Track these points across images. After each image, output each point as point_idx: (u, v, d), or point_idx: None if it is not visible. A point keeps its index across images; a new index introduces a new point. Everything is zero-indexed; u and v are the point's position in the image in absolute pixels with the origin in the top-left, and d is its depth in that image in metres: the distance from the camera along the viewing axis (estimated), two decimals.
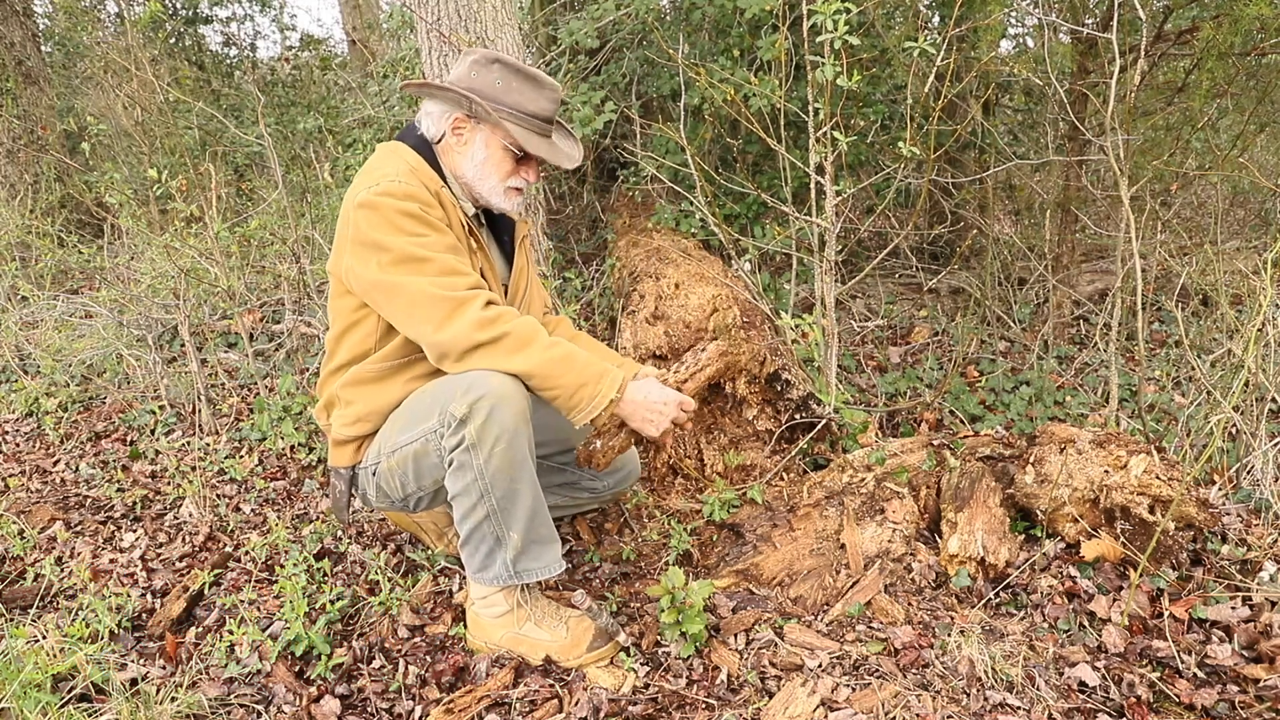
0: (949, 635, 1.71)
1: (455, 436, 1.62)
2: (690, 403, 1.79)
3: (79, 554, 2.30)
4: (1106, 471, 1.89)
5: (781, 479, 2.33)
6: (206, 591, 2.09)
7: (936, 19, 3.97)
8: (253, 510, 2.55)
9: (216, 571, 2.16)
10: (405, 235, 1.64)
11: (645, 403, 1.73)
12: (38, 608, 2.03)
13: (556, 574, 1.77)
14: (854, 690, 1.59)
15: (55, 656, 1.70)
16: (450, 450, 1.64)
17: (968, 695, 1.57)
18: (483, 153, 1.79)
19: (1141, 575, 1.79)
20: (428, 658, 1.83)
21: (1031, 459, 2.01)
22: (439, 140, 1.81)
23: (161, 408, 3.20)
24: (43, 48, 6.43)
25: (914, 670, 1.65)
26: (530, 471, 1.68)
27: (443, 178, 1.79)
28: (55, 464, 2.94)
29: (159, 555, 2.31)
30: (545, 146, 1.79)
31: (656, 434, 1.75)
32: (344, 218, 1.72)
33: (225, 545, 2.34)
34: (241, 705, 1.69)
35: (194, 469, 2.76)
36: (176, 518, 2.51)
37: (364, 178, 1.72)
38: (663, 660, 1.76)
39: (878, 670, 1.64)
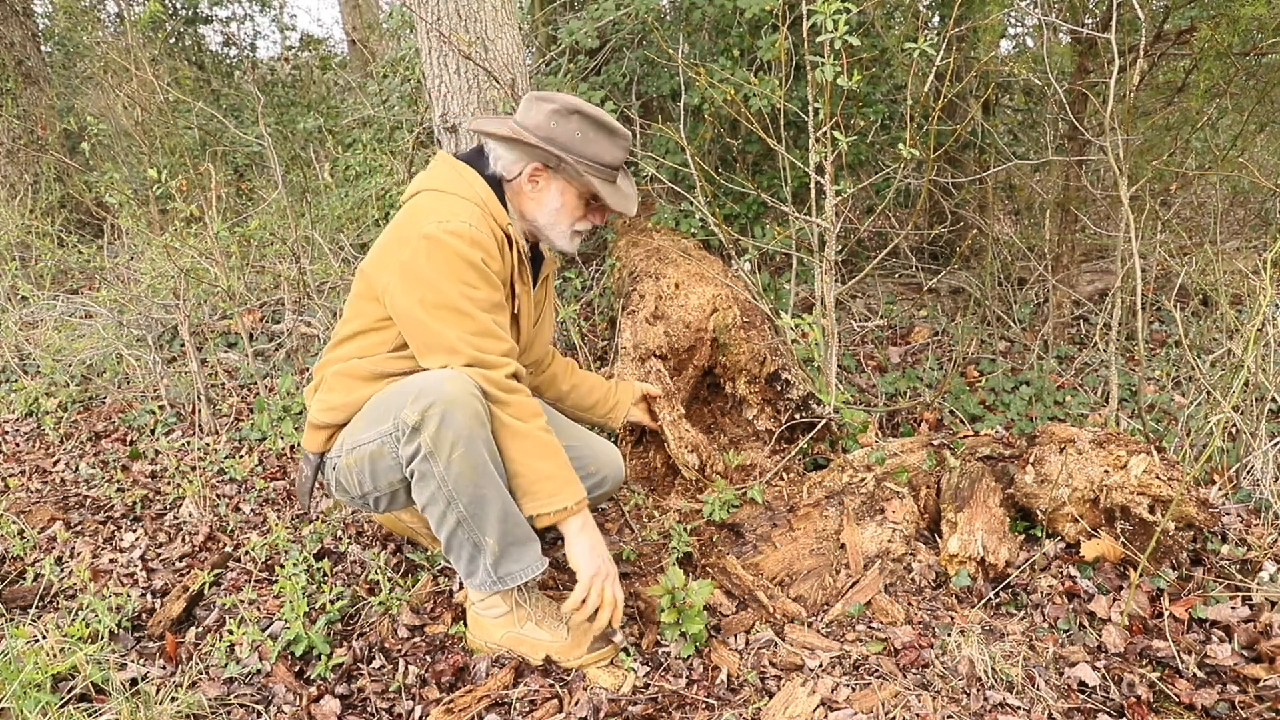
0: (949, 635, 1.72)
1: (410, 445, 1.61)
2: (616, 586, 1.74)
3: (79, 554, 2.30)
4: (1106, 471, 1.90)
5: (781, 479, 2.33)
6: (206, 591, 2.09)
7: (936, 19, 3.97)
8: (253, 510, 2.55)
9: (216, 571, 2.16)
10: (458, 283, 1.65)
11: (591, 544, 1.72)
12: (38, 608, 2.03)
13: (539, 572, 1.76)
14: (854, 690, 1.59)
15: (55, 656, 1.70)
16: (408, 461, 1.63)
17: (968, 695, 1.57)
18: (558, 201, 1.81)
19: (1141, 575, 1.79)
20: (428, 658, 1.83)
21: (1031, 459, 2.01)
22: (511, 180, 1.81)
23: (161, 408, 3.20)
24: (43, 48, 6.43)
25: (914, 670, 1.65)
26: (493, 474, 1.65)
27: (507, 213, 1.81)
28: (55, 464, 2.94)
29: (159, 555, 2.31)
30: (619, 197, 1.82)
31: (585, 574, 1.70)
32: (400, 236, 1.70)
33: (225, 545, 2.34)
34: (241, 705, 1.69)
35: (194, 469, 2.76)
36: (176, 518, 2.51)
37: (436, 205, 1.69)
38: (663, 660, 1.76)
39: (878, 670, 1.64)
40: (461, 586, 2.05)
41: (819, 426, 2.35)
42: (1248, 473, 2.25)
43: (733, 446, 2.41)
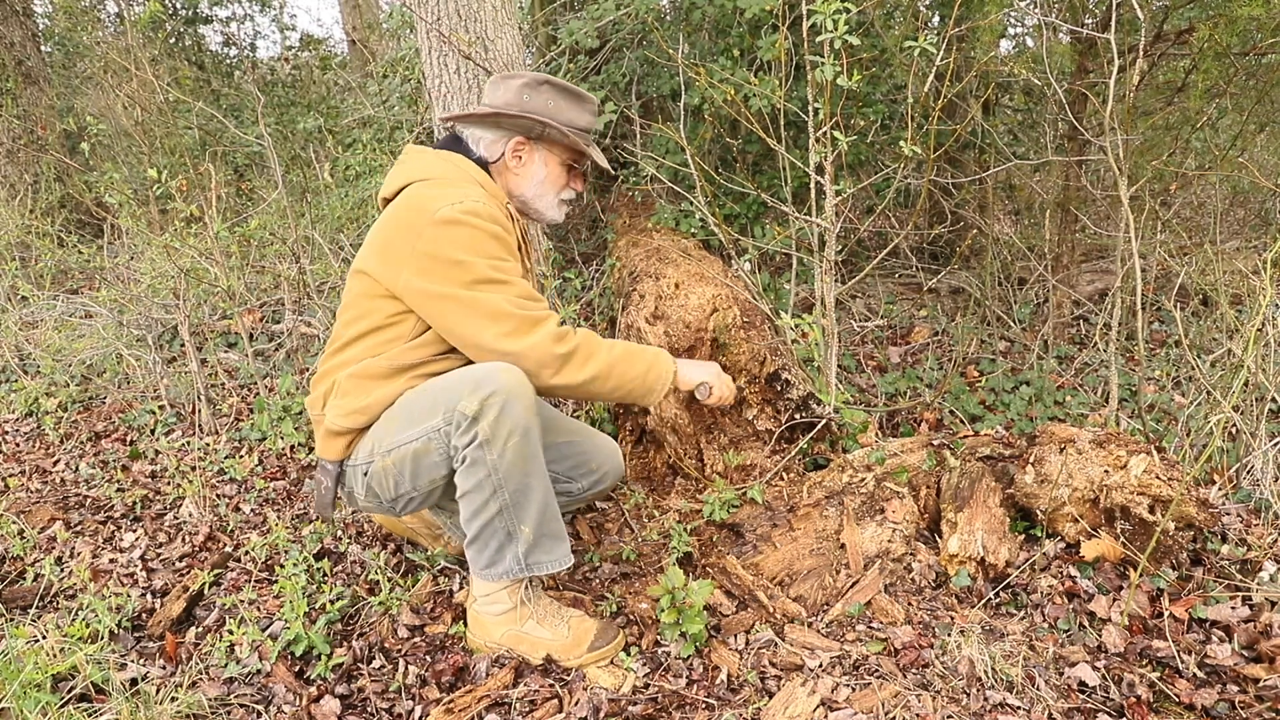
0: (949, 635, 1.72)
1: (467, 435, 1.62)
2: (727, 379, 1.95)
3: (79, 554, 2.30)
4: (1106, 471, 1.90)
5: (781, 479, 2.33)
6: (206, 591, 2.09)
7: (936, 19, 3.97)
8: (253, 510, 2.55)
9: (216, 571, 2.16)
10: (488, 257, 1.68)
11: (696, 366, 1.91)
12: (38, 608, 2.03)
13: (565, 568, 1.78)
14: (854, 690, 1.59)
15: (55, 656, 1.70)
16: (463, 448, 1.64)
17: (968, 695, 1.57)
18: (543, 171, 1.87)
19: (1141, 575, 1.79)
20: (428, 658, 1.83)
21: (1031, 459, 2.01)
22: (494, 161, 1.86)
23: (161, 408, 3.20)
24: (43, 48, 6.43)
25: (914, 670, 1.65)
26: (541, 465, 1.69)
27: None
28: (55, 464, 2.94)
29: (159, 555, 2.31)
30: (598, 154, 1.90)
31: (707, 375, 1.89)
32: (406, 228, 1.69)
33: (225, 545, 2.34)
34: (241, 705, 1.69)
35: (194, 469, 2.76)
36: (176, 518, 2.51)
37: (440, 193, 1.70)
38: (663, 660, 1.76)
39: (878, 670, 1.64)
40: (462, 586, 2.05)
41: (819, 426, 2.36)
42: (1248, 473, 2.25)
43: (733, 446, 2.41)
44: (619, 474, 2.10)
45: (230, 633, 1.84)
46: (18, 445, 3.14)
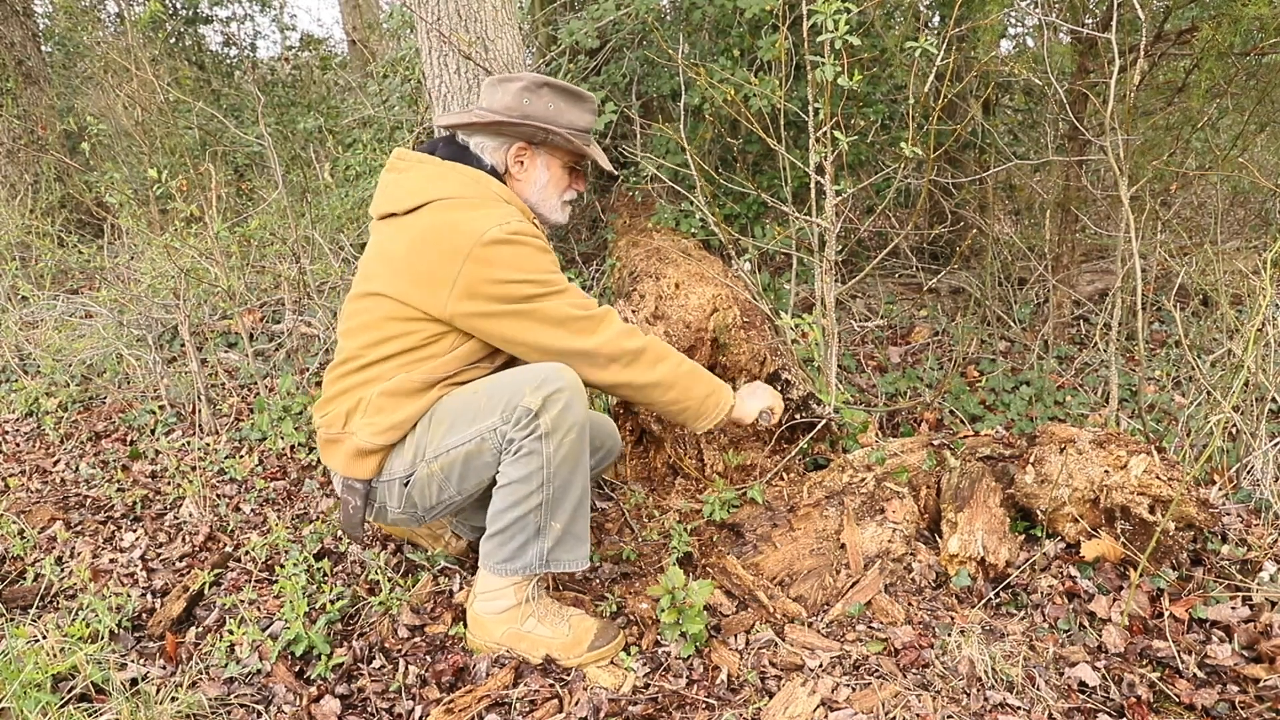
0: (949, 635, 1.72)
1: (527, 428, 1.65)
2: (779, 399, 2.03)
3: (79, 554, 2.30)
4: (1106, 471, 1.90)
5: (781, 479, 2.33)
6: (206, 591, 2.09)
7: (936, 19, 3.97)
8: (253, 510, 2.55)
9: (216, 571, 2.15)
10: (541, 271, 1.71)
11: (751, 395, 1.98)
12: (38, 608, 2.03)
13: (582, 569, 1.80)
14: (854, 690, 1.59)
15: (55, 656, 1.70)
16: (521, 438, 1.66)
17: (968, 695, 1.57)
18: (545, 175, 1.87)
19: (1141, 575, 1.79)
20: (428, 658, 1.83)
21: (1031, 459, 2.01)
22: (504, 172, 1.86)
23: (161, 408, 3.20)
24: (43, 48, 6.43)
25: (914, 670, 1.65)
26: (586, 466, 1.73)
27: None
28: (55, 464, 2.94)
29: (159, 555, 2.31)
30: (600, 154, 1.90)
31: (765, 402, 1.97)
32: (449, 252, 1.66)
33: (225, 545, 2.34)
34: (241, 705, 1.69)
35: (194, 469, 2.76)
36: (176, 518, 2.51)
37: (476, 213, 1.69)
38: (663, 660, 1.76)
39: (878, 670, 1.64)
40: (462, 587, 2.05)
41: (819, 426, 2.35)
42: (1248, 473, 2.25)
43: (733, 446, 2.41)
44: (619, 448, 2.16)
45: (230, 633, 1.84)
46: (18, 445, 3.14)
